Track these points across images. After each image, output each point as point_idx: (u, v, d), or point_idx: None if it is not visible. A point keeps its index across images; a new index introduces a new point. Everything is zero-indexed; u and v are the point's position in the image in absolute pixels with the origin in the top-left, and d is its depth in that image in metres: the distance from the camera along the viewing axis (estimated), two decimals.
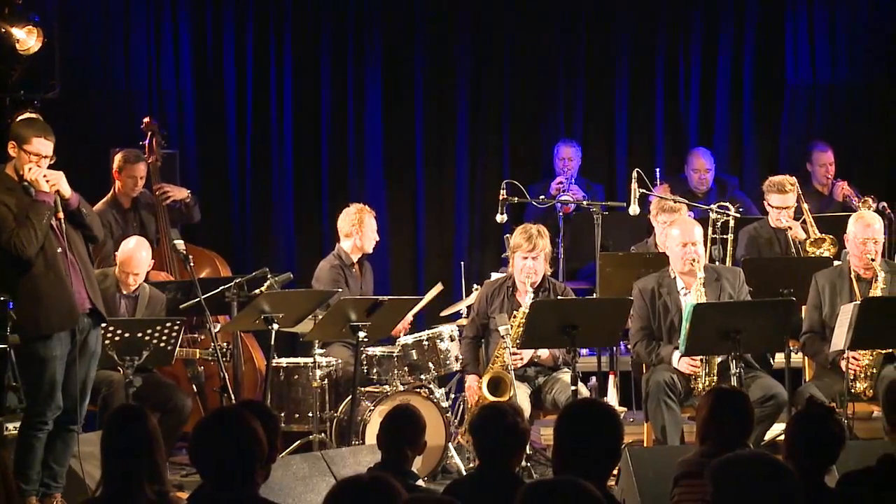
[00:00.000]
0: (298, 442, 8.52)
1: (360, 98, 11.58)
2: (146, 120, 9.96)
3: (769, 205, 9.58)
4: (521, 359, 8.30)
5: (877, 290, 8.03)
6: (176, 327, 7.87)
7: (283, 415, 8.59)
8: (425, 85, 11.66)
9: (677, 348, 7.95)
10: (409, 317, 9.13)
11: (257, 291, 8.47)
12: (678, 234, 8.20)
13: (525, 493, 3.77)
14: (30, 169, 6.98)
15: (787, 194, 9.47)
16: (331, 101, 11.57)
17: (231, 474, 4.44)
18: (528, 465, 7.91)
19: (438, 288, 9.56)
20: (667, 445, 7.75)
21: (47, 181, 6.98)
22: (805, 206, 9.67)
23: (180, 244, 8.63)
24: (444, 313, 9.56)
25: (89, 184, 7.32)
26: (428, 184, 11.71)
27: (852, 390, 7.95)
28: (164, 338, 7.82)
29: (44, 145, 7.06)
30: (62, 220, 7.03)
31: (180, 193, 9.89)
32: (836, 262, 8.75)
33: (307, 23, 11.55)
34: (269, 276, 8.70)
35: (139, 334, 7.70)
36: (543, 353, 8.43)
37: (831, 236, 9.22)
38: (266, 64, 11.48)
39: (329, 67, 11.55)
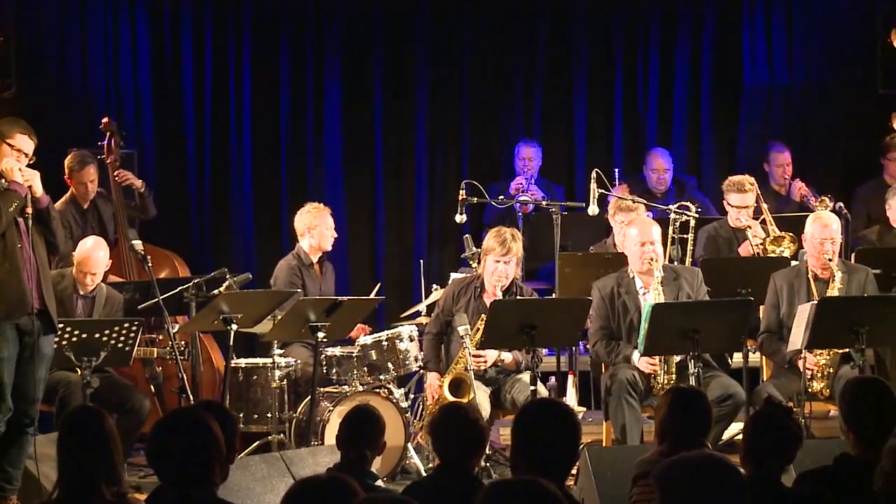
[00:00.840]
0: (257, 442, 8.49)
1: (319, 97, 11.56)
2: (105, 120, 9.91)
3: (729, 204, 9.63)
4: (485, 361, 8.29)
5: (834, 290, 8.08)
6: (134, 328, 7.83)
7: (241, 415, 8.57)
8: (384, 84, 11.65)
9: (636, 348, 7.97)
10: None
11: (216, 292, 8.45)
12: (636, 234, 8.22)
13: (485, 493, 3.77)
14: (7, 160, 6.99)
15: (746, 193, 9.52)
16: (289, 101, 11.54)
17: (189, 475, 4.43)
18: (488, 465, 7.92)
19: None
20: (626, 445, 7.77)
21: (22, 175, 6.99)
22: (764, 205, 9.73)
23: (138, 244, 8.59)
24: (403, 315, 9.56)
25: (48, 186, 7.27)
26: (387, 183, 11.70)
27: (809, 390, 7.99)
28: (121, 338, 7.77)
29: (26, 143, 7.10)
30: (29, 217, 7.01)
31: (137, 181, 9.89)
32: (793, 262, 8.80)
33: (266, 22, 11.52)
34: (227, 276, 8.68)
35: (96, 335, 7.66)
36: (507, 357, 8.42)
37: (790, 234, 9.27)
38: (224, 64, 11.45)
39: (288, 67, 11.53)
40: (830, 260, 8.14)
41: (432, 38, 11.71)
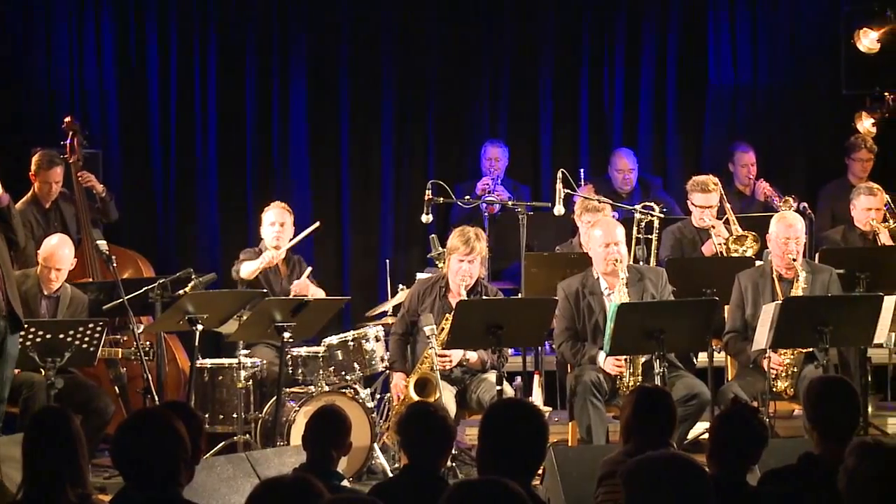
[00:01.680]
0: (223, 443, 8.46)
1: (285, 98, 11.54)
2: (67, 119, 9.85)
3: (693, 204, 9.67)
4: (451, 361, 8.29)
5: (798, 290, 8.12)
6: (98, 328, 7.80)
7: (207, 416, 8.53)
8: (350, 84, 11.64)
9: (602, 349, 7.98)
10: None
11: (181, 292, 8.42)
12: (600, 235, 8.23)
13: (450, 493, 3.77)
14: None
15: (710, 193, 9.56)
16: (255, 101, 11.52)
17: (154, 476, 4.41)
18: (454, 465, 7.92)
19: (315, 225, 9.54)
20: (591, 445, 7.78)
21: None
22: (727, 205, 9.77)
23: (103, 244, 8.56)
24: (369, 313, 9.54)
25: (9, 184, 7.24)
26: (353, 183, 11.69)
27: (774, 389, 8.03)
28: (86, 339, 7.75)
29: None
30: None
31: (99, 185, 9.86)
32: (758, 262, 8.84)
33: (231, 22, 11.50)
34: (193, 276, 8.66)
35: (61, 335, 7.63)
36: (472, 356, 8.42)
37: (753, 233, 9.31)
38: (190, 63, 11.41)
39: (254, 67, 11.50)
40: (795, 260, 8.18)
41: (398, 38, 11.70)
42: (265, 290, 8.79)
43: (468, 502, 3.74)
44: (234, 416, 8.58)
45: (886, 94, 11.46)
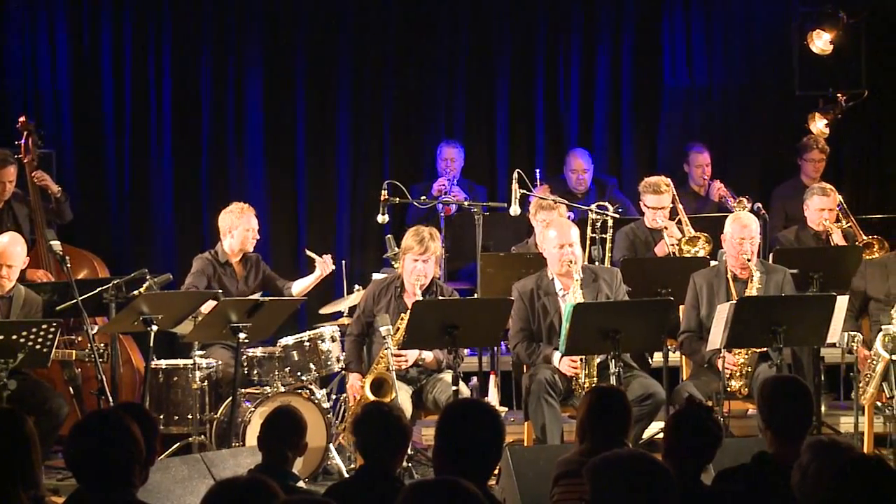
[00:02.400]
0: (178, 444, 8.43)
1: (240, 97, 11.51)
2: (21, 119, 9.80)
3: (645, 205, 9.71)
4: (406, 361, 8.28)
5: (752, 290, 8.17)
6: (52, 329, 7.75)
7: (161, 417, 8.50)
8: (306, 84, 11.62)
9: (557, 349, 8.00)
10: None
11: (136, 293, 8.38)
12: (555, 236, 8.24)
13: (406, 493, 3.77)
14: None
15: (662, 195, 9.60)
16: (210, 101, 11.48)
17: (108, 477, 4.39)
18: (409, 465, 7.91)
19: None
20: (547, 445, 7.80)
21: None
22: (680, 206, 9.81)
23: (57, 245, 8.49)
24: (323, 311, 9.52)
25: None
26: (309, 184, 11.68)
27: (728, 388, 8.07)
28: (39, 340, 7.69)
29: None
30: None
31: (54, 186, 9.80)
32: (712, 263, 8.88)
33: (186, 21, 11.45)
34: (147, 277, 8.61)
35: (14, 336, 7.58)
36: (428, 356, 8.42)
37: (705, 234, 9.36)
38: (144, 63, 11.36)
39: (209, 66, 11.46)
40: (749, 260, 8.23)
41: (354, 39, 11.69)
42: (219, 291, 8.75)
43: (423, 503, 3.73)
44: (189, 417, 8.56)
45: (839, 95, 11.56)
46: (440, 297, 8.40)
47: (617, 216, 9.65)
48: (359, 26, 11.71)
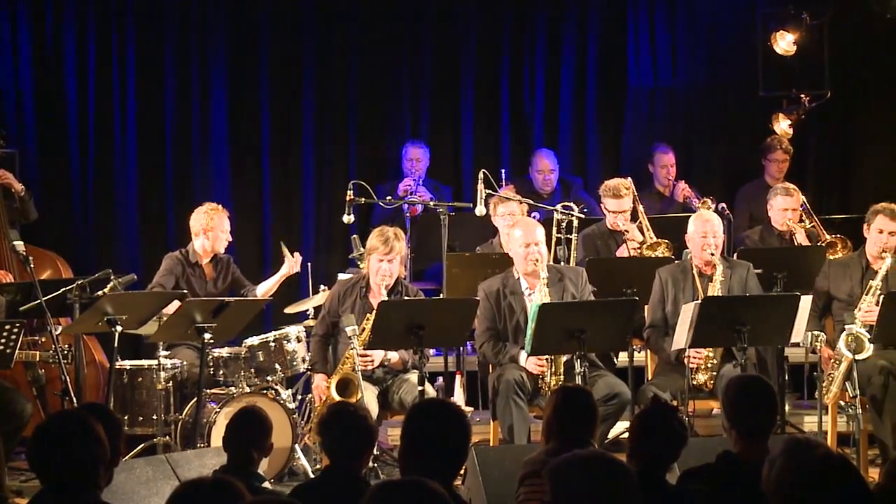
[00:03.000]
0: (142, 445, 8.41)
1: (205, 97, 11.47)
2: None
3: (606, 209, 9.72)
4: (372, 361, 8.27)
5: (716, 283, 8.21)
6: (15, 330, 7.71)
7: (126, 418, 8.49)
8: (270, 84, 11.59)
9: (523, 348, 8.01)
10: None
11: (100, 293, 8.34)
12: (521, 235, 8.26)
13: (372, 493, 3.77)
14: None
15: (622, 198, 9.62)
16: (175, 100, 11.44)
17: (73, 479, 4.37)
18: (375, 465, 7.91)
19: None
20: (513, 445, 7.80)
21: None
22: (640, 207, 9.83)
23: (20, 245, 8.44)
24: (289, 311, 9.50)
25: None
26: (274, 184, 11.65)
27: (694, 383, 8.10)
28: (2, 340, 7.66)
29: None
30: None
31: (17, 184, 9.74)
32: (677, 261, 8.90)
33: (150, 20, 11.40)
34: (112, 277, 8.57)
35: None
36: (393, 356, 8.41)
37: (666, 241, 9.39)
38: (108, 61, 11.30)
39: (173, 66, 11.41)
40: (713, 255, 8.26)
41: (319, 39, 11.67)
42: (185, 291, 8.73)
43: (390, 503, 3.73)
44: (154, 417, 8.54)
45: (802, 95, 11.63)
46: (406, 298, 8.40)
47: (582, 216, 9.67)
48: (323, 27, 11.69)
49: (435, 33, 11.87)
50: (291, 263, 9.33)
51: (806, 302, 7.92)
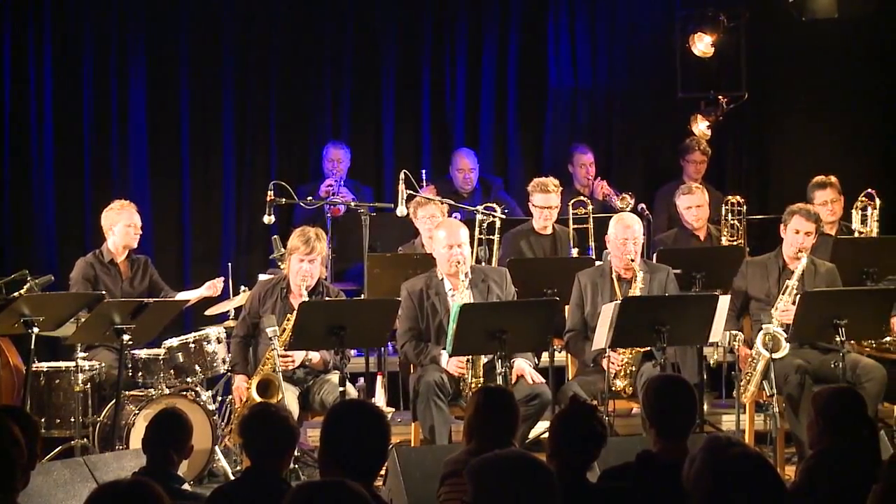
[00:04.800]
0: (60, 447, 8.33)
1: (124, 95, 11.36)
2: None
3: (533, 205, 9.76)
4: (293, 361, 8.24)
5: (636, 290, 8.25)
6: None
7: (43, 420, 8.39)
8: (190, 84, 11.51)
9: (445, 349, 8.01)
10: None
11: (16, 294, 8.25)
12: (444, 237, 8.26)
13: (292, 495, 3.76)
14: None
15: (549, 194, 9.67)
16: (93, 99, 11.32)
17: None
18: (296, 466, 7.88)
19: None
20: (434, 445, 7.81)
21: None
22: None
23: None
24: (209, 312, 9.44)
25: None
26: (194, 184, 11.57)
27: (613, 388, 8.15)
28: None
29: None
30: None
31: None
32: (597, 263, 8.96)
33: (67, 17, 11.28)
34: (28, 278, 8.49)
35: None
36: (315, 356, 8.38)
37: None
38: (24, 58, 11.18)
39: (91, 63, 11.30)
40: (633, 260, 8.31)
41: (240, 38, 11.61)
42: (103, 293, 8.64)
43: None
44: (72, 420, 8.45)
45: (720, 97, 11.74)
46: (327, 298, 8.38)
47: (504, 217, 9.70)
48: (243, 26, 11.63)
49: (356, 34, 11.84)
50: (212, 288, 9.27)
51: (724, 302, 7.99)
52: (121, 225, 9.22)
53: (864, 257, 9.06)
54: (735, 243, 9.90)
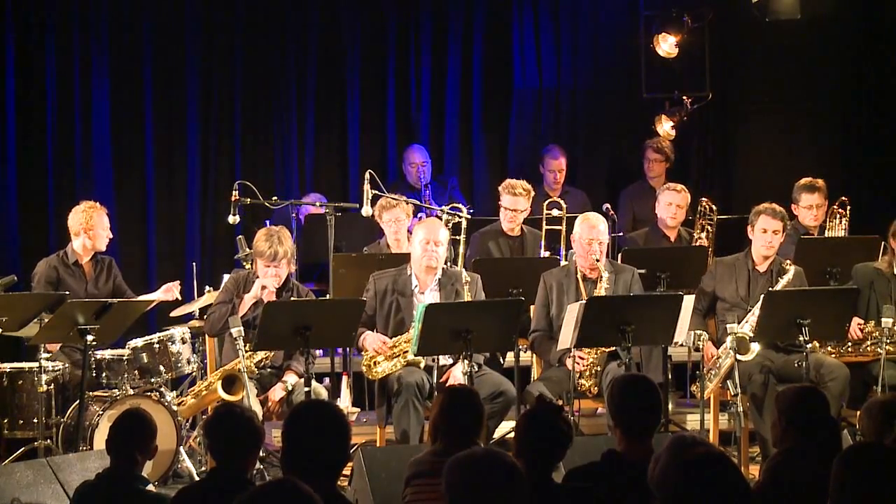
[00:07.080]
0: (23, 449, 8.29)
1: (87, 96, 11.31)
2: None
3: (503, 207, 9.76)
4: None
5: (601, 290, 8.27)
6: None
7: (6, 421, 8.38)
8: (154, 84, 11.46)
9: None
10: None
11: None
12: (423, 233, 8.27)
13: (242, 497, 3.76)
14: None
15: (517, 197, 9.69)
16: (56, 99, 11.26)
17: None
18: (262, 466, 7.87)
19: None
20: (400, 445, 7.81)
21: None
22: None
23: None
24: (174, 313, 9.41)
25: None
26: (158, 184, 11.52)
27: (578, 388, 8.16)
28: None
29: None
30: None
31: None
32: (562, 262, 8.98)
33: (30, 21, 11.21)
34: None
35: None
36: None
37: None
38: None
39: (54, 64, 11.24)
40: (598, 260, 8.33)
41: (203, 39, 11.57)
42: (66, 293, 8.59)
43: None
44: (35, 420, 8.40)
45: (685, 97, 11.79)
46: (294, 298, 8.37)
47: (469, 217, 9.71)
48: (208, 26, 11.59)
49: (320, 34, 11.82)
50: (168, 293, 9.21)
51: (689, 301, 8.01)
52: (97, 230, 9.15)
53: (829, 257, 9.09)
54: (698, 243, 9.93)
